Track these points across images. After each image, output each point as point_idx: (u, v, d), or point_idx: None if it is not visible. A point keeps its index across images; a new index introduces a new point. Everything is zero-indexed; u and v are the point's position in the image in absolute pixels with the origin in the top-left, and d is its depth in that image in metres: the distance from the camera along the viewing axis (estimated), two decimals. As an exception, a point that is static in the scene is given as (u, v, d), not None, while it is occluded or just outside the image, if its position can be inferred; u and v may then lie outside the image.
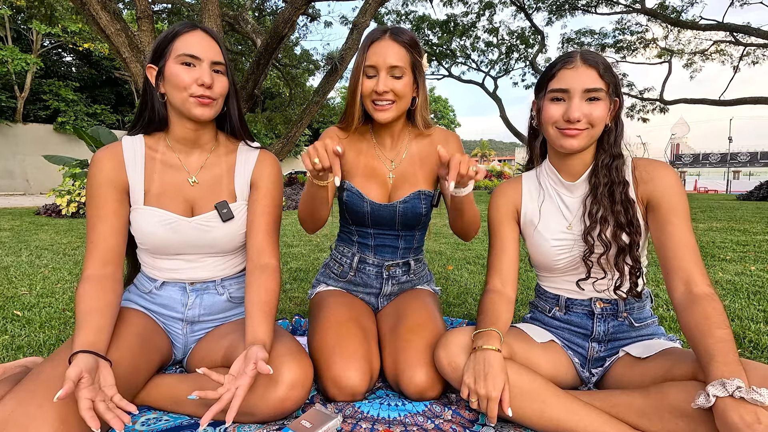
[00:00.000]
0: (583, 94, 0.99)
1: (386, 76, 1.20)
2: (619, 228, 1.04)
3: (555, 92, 1.02)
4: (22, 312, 1.96)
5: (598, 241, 1.05)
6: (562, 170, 1.12)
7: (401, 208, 1.32)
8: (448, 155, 0.98)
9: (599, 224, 1.05)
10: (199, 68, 1.03)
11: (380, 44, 1.20)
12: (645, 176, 1.05)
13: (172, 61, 1.03)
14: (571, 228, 1.11)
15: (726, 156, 23.92)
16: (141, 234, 1.09)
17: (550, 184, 1.15)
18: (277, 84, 13.31)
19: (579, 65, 1.01)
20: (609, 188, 1.04)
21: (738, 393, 0.72)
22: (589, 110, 0.99)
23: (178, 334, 1.18)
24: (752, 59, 11.30)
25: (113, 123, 18.23)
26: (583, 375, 1.16)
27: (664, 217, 1.01)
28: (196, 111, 1.04)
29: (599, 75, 1.00)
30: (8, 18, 15.26)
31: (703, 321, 0.86)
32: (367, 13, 5.41)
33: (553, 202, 1.14)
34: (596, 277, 1.10)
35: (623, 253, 1.04)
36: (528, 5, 11.32)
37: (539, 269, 1.22)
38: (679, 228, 0.99)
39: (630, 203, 1.04)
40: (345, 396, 1.10)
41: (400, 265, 1.40)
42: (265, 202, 1.15)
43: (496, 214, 1.19)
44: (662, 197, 1.01)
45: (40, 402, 0.81)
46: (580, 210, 1.10)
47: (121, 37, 4.77)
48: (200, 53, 1.03)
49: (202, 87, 1.03)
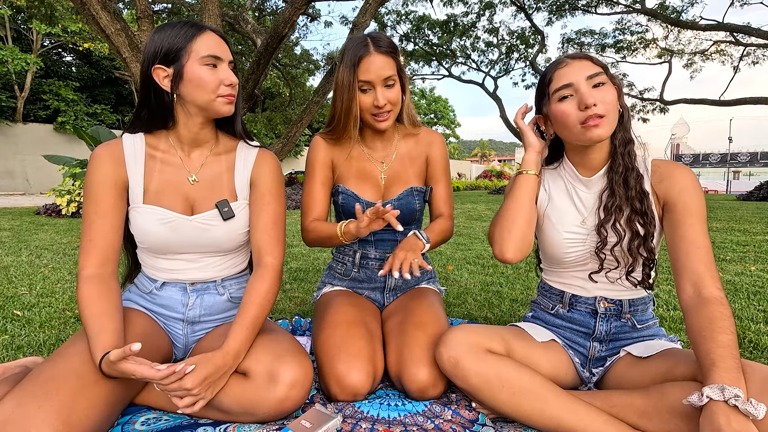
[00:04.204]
0: (587, 81, 1.00)
1: (382, 89, 1.24)
2: (634, 214, 1.03)
3: (560, 90, 1.02)
4: (22, 312, 1.96)
5: (612, 232, 1.05)
6: (579, 165, 1.12)
7: (396, 205, 1.35)
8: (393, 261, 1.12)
9: (614, 214, 1.04)
10: (220, 68, 1.04)
11: (370, 60, 1.22)
12: (663, 175, 1.05)
13: (195, 63, 1.02)
14: (585, 223, 1.11)
15: (726, 156, 23.90)
16: (140, 233, 1.09)
17: (567, 179, 1.15)
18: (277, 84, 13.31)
19: (570, 61, 1.03)
20: (624, 175, 1.04)
21: (734, 401, 0.72)
22: (601, 95, 0.99)
23: (178, 334, 1.18)
24: (752, 59, 11.29)
25: (113, 123, 18.20)
26: (583, 375, 1.16)
27: (678, 218, 1.00)
28: (224, 108, 1.06)
29: (593, 62, 1.02)
30: (8, 18, 15.25)
31: (707, 325, 0.85)
32: (367, 13, 5.41)
33: (568, 197, 1.14)
34: (609, 267, 1.09)
35: (638, 239, 1.03)
36: (528, 5, 11.31)
37: (547, 262, 1.21)
38: (692, 229, 0.98)
39: (645, 194, 1.03)
40: (347, 396, 1.10)
41: None
42: (264, 200, 1.15)
43: None
44: (678, 197, 1.01)
45: (40, 402, 0.81)
46: (595, 205, 1.10)
47: (121, 37, 4.77)
48: (221, 54, 1.04)
49: (229, 87, 1.04)
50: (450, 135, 44.88)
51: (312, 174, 1.37)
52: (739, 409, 0.71)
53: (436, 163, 1.42)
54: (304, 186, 1.40)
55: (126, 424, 1.00)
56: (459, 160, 39.26)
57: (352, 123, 1.28)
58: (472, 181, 24.16)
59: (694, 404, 0.76)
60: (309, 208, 1.37)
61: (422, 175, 1.42)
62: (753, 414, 0.70)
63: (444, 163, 1.44)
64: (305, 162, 1.41)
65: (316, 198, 1.36)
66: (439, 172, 1.43)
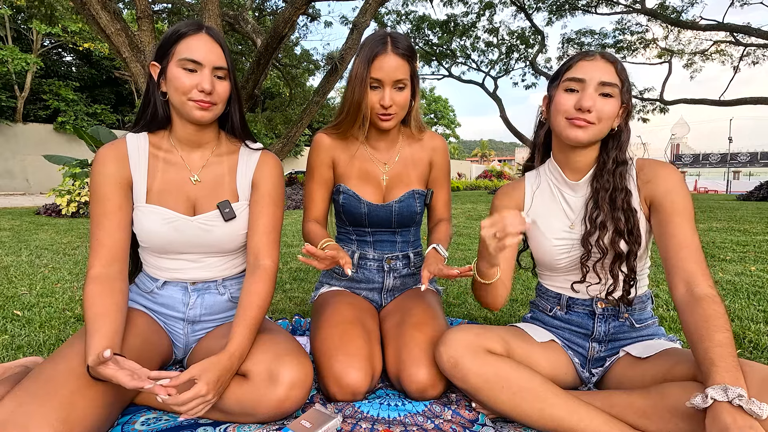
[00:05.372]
0: (598, 86, 1.00)
1: (391, 90, 1.23)
2: (618, 235, 1.03)
3: (570, 81, 1.02)
4: (22, 312, 1.96)
5: (595, 247, 1.06)
6: (565, 167, 1.12)
7: (397, 207, 1.35)
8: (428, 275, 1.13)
9: (598, 230, 1.05)
10: (200, 74, 1.02)
11: (384, 59, 1.21)
12: (648, 176, 1.05)
13: (174, 64, 1.02)
14: (573, 227, 1.11)
15: (726, 156, 23.91)
16: (143, 232, 1.09)
17: (553, 183, 1.15)
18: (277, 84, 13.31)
19: (598, 59, 1.02)
20: (610, 194, 1.04)
21: (738, 401, 0.72)
22: (601, 105, 1.00)
23: (179, 333, 1.18)
24: (752, 59, 11.28)
25: (113, 123, 18.19)
26: (583, 375, 1.16)
27: (666, 217, 1.00)
28: (195, 114, 1.04)
29: (616, 71, 1.01)
30: (8, 18, 15.25)
31: (702, 323, 0.85)
32: (367, 13, 5.40)
33: (555, 202, 1.14)
34: (590, 282, 1.10)
35: (619, 261, 1.04)
36: (528, 5, 11.30)
37: (542, 267, 1.22)
38: (681, 228, 0.98)
39: (632, 212, 1.03)
40: (346, 395, 1.10)
41: (400, 258, 1.43)
42: (264, 202, 1.15)
43: None
44: (665, 197, 1.01)
45: (41, 402, 0.81)
46: (582, 211, 1.10)
47: (121, 37, 4.77)
48: (202, 58, 1.02)
49: (202, 93, 1.02)
50: (450, 135, 44.87)
51: (311, 174, 1.38)
52: (743, 408, 0.72)
53: (439, 169, 1.43)
54: (304, 184, 1.41)
55: (126, 424, 1.00)
56: (459, 160, 39.28)
57: (360, 118, 1.27)
58: (472, 181, 24.16)
59: (698, 406, 0.76)
60: (307, 208, 1.38)
61: (424, 178, 1.43)
62: (757, 413, 0.71)
63: (447, 168, 1.45)
64: (307, 160, 1.41)
65: (315, 198, 1.38)
66: (442, 177, 1.44)
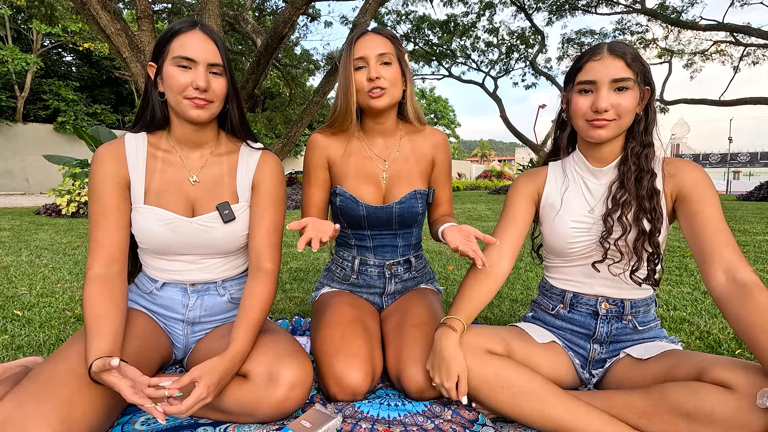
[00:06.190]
0: (611, 84, 0.99)
1: (376, 64, 1.21)
2: (641, 212, 1.03)
3: (582, 84, 1.03)
4: (22, 312, 1.96)
5: (617, 224, 1.05)
6: (590, 157, 1.12)
7: (397, 209, 1.31)
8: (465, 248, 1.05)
9: (621, 208, 1.04)
10: (194, 71, 1.02)
11: (365, 38, 1.23)
12: (673, 171, 1.05)
13: (169, 63, 1.02)
14: (593, 212, 1.11)
15: (726, 156, 23.89)
16: (141, 233, 1.09)
17: (577, 171, 1.15)
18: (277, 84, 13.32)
19: (606, 56, 1.01)
20: (637, 175, 1.04)
21: None
22: (618, 100, 0.99)
23: (178, 334, 1.18)
24: (752, 59, 11.30)
25: (113, 123, 18.19)
26: (583, 376, 1.16)
27: (696, 206, 0.99)
28: (191, 113, 1.04)
29: (626, 65, 1.00)
30: (8, 18, 15.25)
31: (759, 313, 0.81)
32: (367, 13, 5.40)
33: (577, 188, 1.14)
34: (613, 258, 1.08)
35: (643, 237, 1.03)
36: (528, 5, 11.31)
37: (550, 256, 1.20)
38: (713, 217, 0.97)
39: (656, 192, 1.03)
40: (346, 395, 1.10)
41: (401, 263, 1.41)
42: (265, 204, 1.14)
43: (515, 193, 1.19)
44: (692, 188, 1.01)
45: (40, 402, 0.81)
46: (604, 195, 1.10)
47: (121, 37, 4.77)
48: (196, 55, 1.01)
49: (196, 90, 1.02)
50: (450, 135, 44.88)
51: (308, 177, 1.36)
52: None
53: (442, 166, 1.40)
54: (302, 188, 1.39)
55: (126, 424, 1.00)
56: (459, 160, 39.26)
57: (350, 106, 1.23)
58: (472, 181, 24.15)
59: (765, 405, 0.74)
60: (304, 211, 1.36)
61: (426, 176, 1.38)
62: None
63: (449, 165, 1.43)
64: (302, 163, 1.40)
65: (312, 201, 1.35)
66: (445, 175, 1.41)
